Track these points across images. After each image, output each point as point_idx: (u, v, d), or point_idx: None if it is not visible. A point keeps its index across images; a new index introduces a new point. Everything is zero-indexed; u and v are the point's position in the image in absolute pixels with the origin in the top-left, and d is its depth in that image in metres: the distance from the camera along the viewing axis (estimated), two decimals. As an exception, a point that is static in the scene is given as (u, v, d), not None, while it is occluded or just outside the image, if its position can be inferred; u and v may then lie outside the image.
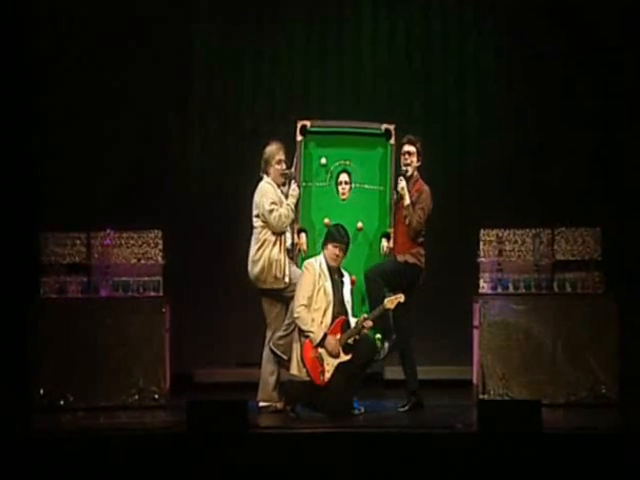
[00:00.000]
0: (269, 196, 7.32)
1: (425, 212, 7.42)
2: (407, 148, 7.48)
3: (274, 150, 7.41)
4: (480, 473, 6.20)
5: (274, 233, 7.32)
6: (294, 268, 7.39)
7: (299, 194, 7.41)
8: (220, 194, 9.09)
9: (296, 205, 7.42)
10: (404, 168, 7.49)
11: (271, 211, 7.27)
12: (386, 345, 7.29)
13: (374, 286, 7.30)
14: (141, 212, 8.68)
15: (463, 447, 6.31)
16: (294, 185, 7.43)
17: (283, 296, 7.37)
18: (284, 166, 7.44)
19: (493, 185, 9.08)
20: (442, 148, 9.03)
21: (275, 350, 7.32)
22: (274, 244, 7.32)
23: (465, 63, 9.18)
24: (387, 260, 7.45)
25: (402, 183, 7.42)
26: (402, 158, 7.50)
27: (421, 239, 7.47)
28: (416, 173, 7.51)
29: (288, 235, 7.49)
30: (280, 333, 7.35)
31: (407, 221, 7.38)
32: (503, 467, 6.17)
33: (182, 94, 9.08)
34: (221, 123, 9.13)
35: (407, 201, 7.41)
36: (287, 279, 7.31)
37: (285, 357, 7.26)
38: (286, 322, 7.33)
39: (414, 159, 7.47)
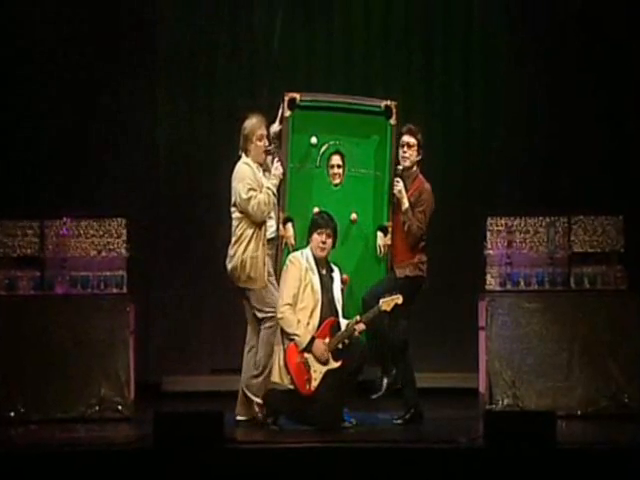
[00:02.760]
0: (246, 181, 7.26)
1: (426, 215, 7.38)
2: (406, 139, 7.41)
3: (255, 124, 7.33)
4: (487, 493, 6.21)
5: (253, 224, 7.26)
6: (273, 294, 7.27)
7: (282, 174, 7.36)
8: (192, 179, 9.12)
9: (279, 187, 7.36)
10: (401, 165, 7.41)
11: (249, 199, 7.22)
12: (385, 382, 7.31)
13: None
14: (103, 198, 8.70)
15: (467, 464, 6.30)
16: (277, 164, 7.37)
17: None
18: (266, 142, 7.38)
19: (502, 168, 9.10)
20: (444, 128, 9.08)
21: (246, 391, 7.27)
22: (251, 240, 7.26)
23: (470, 31, 9.19)
24: (385, 279, 7.41)
25: (399, 185, 7.36)
26: (400, 150, 7.44)
27: (422, 243, 7.44)
28: (415, 168, 7.45)
29: (272, 223, 7.44)
30: (253, 372, 7.29)
31: (406, 227, 7.34)
32: (513, 486, 6.18)
33: (148, 68, 9.05)
34: (193, 101, 9.13)
35: (405, 205, 7.36)
36: (262, 282, 7.24)
37: (258, 400, 7.21)
38: (257, 357, 7.25)
39: (414, 152, 7.40)
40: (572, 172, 8.97)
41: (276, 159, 7.37)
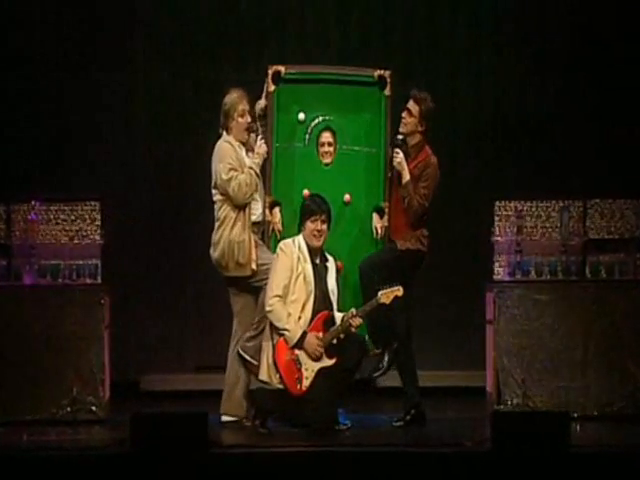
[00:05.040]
0: (227, 161, 7.28)
1: (430, 191, 7.36)
2: (409, 105, 7.41)
3: (236, 99, 7.35)
4: (494, 500, 6.22)
5: (236, 207, 7.27)
6: (264, 250, 7.35)
7: (266, 152, 7.35)
8: (174, 159, 9.10)
9: (263, 167, 7.35)
10: (399, 134, 7.39)
11: (229, 180, 7.24)
12: (385, 358, 7.30)
13: (368, 282, 7.27)
14: (75, 180, 8.69)
15: (473, 469, 6.30)
16: (261, 141, 7.37)
17: (251, 285, 7.33)
18: (249, 119, 7.39)
19: (511, 146, 9.10)
20: (449, 101, 9.02)
21: (243, 354, 7.30)
22: (235, 222, 7.29)
23: (477, 16, 9.19)
24: (384, 249, 7.42)
25: (399, 157, 7.35)
26: (402, 115, 7.44)
27: (424, 217, 7.44)
28: (420, 139, 7.41)
29: (258, 206, 7.43)
30: (249, 333, 7.33)
31: (405, 202, 7.33)
32: (522, 493, 6.19)
33: (124, 38, 9.04)
34: (174, 73, 9.11)
35: (406, 178, 7.34)
36: (254, 265, 7.28)
37: (255, 362, 7.25)
38: (256, 319, 7.30)
39: (413, 120, 7.37)
40: (586, 162, 8.99)
41: (259, 137, 7.37)
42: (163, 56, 9.12)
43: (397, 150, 7.37)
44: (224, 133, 7.38)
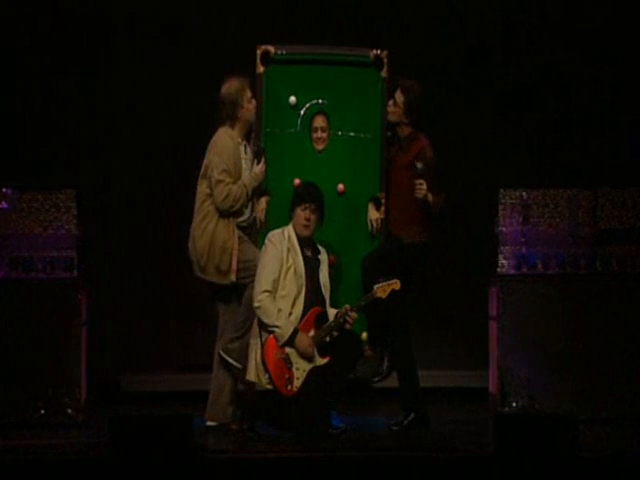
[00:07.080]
0: (224, 159, 7.28)
1: (436, 181, 7.34)
2: (395, 93, 7.41)
3: (240, 87, 7.34)
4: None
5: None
6: (249, 247, 7.33)
7: (264, 179, 7.37)
8: (156, 145, 9.10)
9: (256, 188, 7.35)
10: (419, 163, 7.36)
11: (219, 182, 7.24)
12: (385, 362, 7.36)
13: (372, 278, 7.27)
14: (50, 166, 8.73)
15: (475, 475, 6.30)
16: (263, 166, 7.37)
17: (235, 284, 7.35)
18: (254, 102, 7.39)
19: (516, 131, 9.10)
20: (447, 81, 9.04)
21: (225, 356, 7.30)
22: (219, 221, 7.28)
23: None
24: (389, 242, 7.44)
25: (423, 187, 7.24)
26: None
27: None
28: (410, 129, 7.39)
29: (247, 211, 7.42)
30: (232, 334, 7.33)
31: (435, 210, 7.36)
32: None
33: (103, 18, 9.09)
34: (156, 54, 9.13)
35: (430, 200, 7.30)
36: (233, 276, 7.26)
37: (239, 366, 7.24)
38: (239, 319, 7.29)
39: (398, 111, 7.37)
40: (605, 128, 9.04)
41: (263, 159, 7.38)
42: (143, 37, 9.12)
43: (420, 181, 7.30)
44: (227, 127, 7.34)
